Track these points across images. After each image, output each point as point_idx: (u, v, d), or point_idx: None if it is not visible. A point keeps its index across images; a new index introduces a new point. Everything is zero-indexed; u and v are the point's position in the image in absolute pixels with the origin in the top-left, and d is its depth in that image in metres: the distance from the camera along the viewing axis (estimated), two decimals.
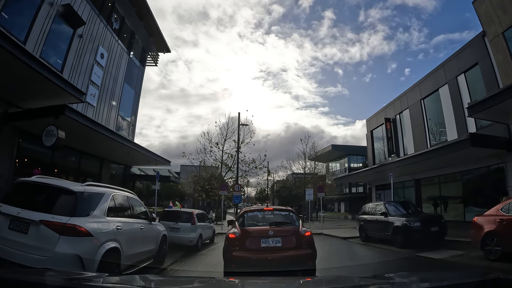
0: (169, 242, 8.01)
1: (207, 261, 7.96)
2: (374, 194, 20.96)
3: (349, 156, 38.55)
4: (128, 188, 17.88)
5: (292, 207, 9.10)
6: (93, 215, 4.04)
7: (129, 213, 5.23)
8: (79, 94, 8.11)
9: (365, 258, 8.55)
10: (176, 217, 9.46)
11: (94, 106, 12.77)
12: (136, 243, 5.03)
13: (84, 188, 4.17)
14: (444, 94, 15.20)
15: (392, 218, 9.86)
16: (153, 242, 6.04)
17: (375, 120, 21.56)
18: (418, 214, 10.49)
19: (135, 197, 5.87)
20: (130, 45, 16.54)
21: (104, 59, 13.72)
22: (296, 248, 5.11)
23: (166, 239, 6.97)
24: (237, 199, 19.91)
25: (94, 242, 3.77)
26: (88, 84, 12.54)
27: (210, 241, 11.64)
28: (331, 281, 2.65)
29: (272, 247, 5.07)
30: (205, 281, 2.66)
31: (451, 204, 14.53)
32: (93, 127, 8.87)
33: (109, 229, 4.18)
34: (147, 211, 6.15)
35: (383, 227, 10.09)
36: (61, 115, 7.56)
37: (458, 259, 7.20)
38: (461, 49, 14.64)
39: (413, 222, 9.05)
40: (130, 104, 16.34)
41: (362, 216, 12.13)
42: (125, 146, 11.20)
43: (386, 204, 10.87)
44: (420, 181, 16.42)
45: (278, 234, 5.16)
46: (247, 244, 5.11)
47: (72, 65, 11.73)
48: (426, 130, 16.26)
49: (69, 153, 11.64)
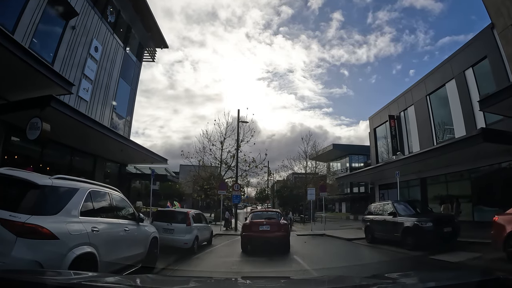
0: (162, 244, 7.37)
1: (204, 265, 7.39)
2: (378, 194, 20.41)
3: (351, 156, 38.02)
4: (124, 187, 17.41)
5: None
6: (62, 213, 3.40)
7: (110, 213, 4.60)
8: (66, 85, 7.57)
9: (375, 262, 7.94)
10: (170, 218, 8.82)
11: (87, 101, 12.23)
12: (119, 247, 4.44)
13: (52, 182, 3.50)
14: (451, 89, 14.67)
15: (402, 218, 9.26)
16: (140, 245, 5.44)
17: (378, 118, 21.02)
18: (429, 213, 9.91)
19: (120, 194, 5.25)
20: (126, 39, 16.01)
21: (98, 53, 13.18)
22: (277, 231, 9.28)
23: (157, 242, 6.36)
24: (236, 198, 19.37)
25: (61, 246, 3.13)
26: (81, 77, 12.00)
27: (208, 243, 10.99)
28: (331, 281, 2.63)
29: (265, 230, 9.28)
30: (206, 281, 2.68)
31: (460, 203, 13.95)
32: (82, 120, 8.29)
33: (82, 231, 3.54)
34: (134, 211, 5.52)
35: (392, 228, 9.51)
36: (47, 106, 7.01)
37: (476, 261, 6.64)
38: (468, 42, 14.13)
39: (424, 223, 8.46)
40: (126, 100, 15.80)
41: (368, 216, 11.56)
42: (118, 142, 10.63)
43: (394, 203, 10.27)
44: (426, 180, 15.88)
45: (268, 223, 9.50)
46: (252, 228, 9.40)
47: (64, 57, 11.20)
48: (432, 127, 15.72)
49: (60, 149, 11.09)
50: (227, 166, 23.26)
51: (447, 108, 14.90)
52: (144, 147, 13.00)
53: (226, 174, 23.70)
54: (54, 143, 10.50)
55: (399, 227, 9.15)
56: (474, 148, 10.48)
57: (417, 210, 9.92)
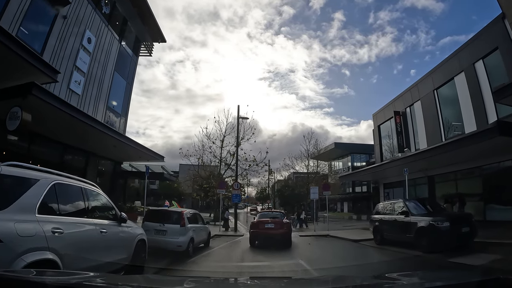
0: (154, 247, 6.77)
1: (199, 270, 6.72)
2: (382, 193, 19.77)
3: (353, 155, 37.43)
4: (119, 186, 16.82)
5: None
6: (11, 210, 2.72)
7: (82, 211, 3.85)
8: (51, 72, 6.99)
9: (389, 265, 7.29)
10: (162, 218, 8.07)
11: (79, 95, 11.63)
12: (92, 253, 3.70)
13: (0, 169, 2.80)
14: (460, 82, 14.06)
15: (415, 218, 8.56)
16: (122, 249, 4.72)
17: (382, 115, 20.39)
18: (443, 212, 9.26)
19: (98, 190, 4.53)
20: (122, 32, 15.43)
21: (91, 45, 12.60)
22: (280, 228, 10.52)
23: (145, 245, 5.64)
24: (236, 198, 18.66)
25: (5, 250, 2.48)
26: (73, 69, 11.42)
27: (205, 245, 10.29)
28: (331, 281, 2.61)
29: (269, 228, 10.52)
30: (206, 282, 2.68)
31: (470, 202, 13.32)
32: (69, 111, 7.66)
33: (38, 233, 2.85)
34: (115, 209, 4.77)
35: (404, 228, 8.82)
36: (28, 95, 6.41)
37: (500, 264, 6.01)
38: (478, 34, 13.51)
39: (441, 222, 7.76)
40: (121, 95, 15.19)
41: (377, 216, 10.89)
42: (111, 137, 10.02)
43: (406, 202, 9.57)
44: (434, 178, 15.24)
45: (272, 222, 10.77)
46: (259, 226, 10.73)
47: (54, 47, 10.63)
48: (440, 122, 15.09)
49: (49, 146, 10.49)
50: (226, 165, 22.65)
51: (456, 102, 14.28)
52: (139, 143, 12.38)
53: (226, 173, 23.06)
54: (43, 139, 9.92)
55: (412, 227, 8.46)
56: (488, 143, 9.86)
57: (430, 209, 9.25)
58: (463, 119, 13.87)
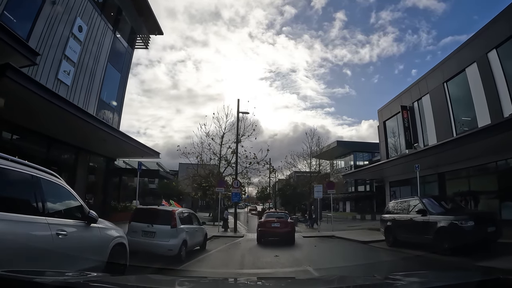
0: (141, 251, 6.06)
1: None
2: (388, 191, 19.01)
3: (355, 153, 36.70)
4: (112, 183, 16.00)
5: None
6: None
7: (31, 207, 3.01)
8: (29, 53, 6.26)
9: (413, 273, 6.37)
10: (151, 218, 7.13)
11: (68, 85, 10.90)
12: (42, 262, 2.92)
13: None
14: (472, 74, 13.30)
15: (434, 217, 7.73)
16: (91, 256, 3.81)
17: (388, 110, 19.63)
18: (464, 210, 8.47)
19: (59, 180, 3.65)
20: (117, 23, 14.68)
21: (82, 33, 11.86)
22: (285, 227, 11.72)
23: (124, 251, 4.76)
24: (236, 197, 17.85)
25: None
26: (62, 58, 10.69)
27: (201, 247, 9.38)
28: (331, 281, 2.62)
29: (275, 227, 11.75)
30: (208, 282, 2.69)
31: (484, 200, 12.58)
32: (47, 96, 6.83)
33: None
34: (82, 206, 3.88)
35: (421, 229, 8.00)
36: (2, 77, 5.67)
37: None
38: (490, 22, 12.75)
39: (464, 221, 6.96)
40: (115, 88, 14.44)
41: (388, 215, 10.11)
42: (100, 130, 9.23)
43: (423, 199, 8.72)
44: (445, 175, 14.49)
45: (278, 221, 12.01)
46: (266, 225, 11.94)
47: (41, 34, 9.91)
48: (450, 116, 14.33)
49: (34, 139, 9.73)
50: (226, 163, 21.90)
51: (468, 95, 13.52)
52: (132, 137, 11.53)
53: (225, 171, 22.32)
54: (24, 131, 9.16)
55: (430, 227, 7.64)
56: (506, 136, 9.14)
57: (447, 207, 8.47)
58: (476, 112, 13.12)
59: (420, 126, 16.45)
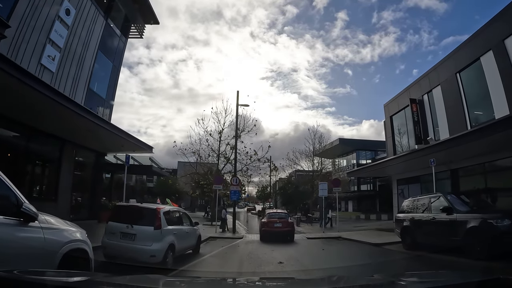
0: (120, 256, 5.18)
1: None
2: (396, 190, 18.10)
3: (358, 151, 35.85)
4: (101, 180, 14.97)
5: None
6: None
7: None
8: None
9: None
10: (131, 217, 5.95)
11: (52, 72, 10.02)
12: None
13: None
14: (488, 62, 12.41)
15: (463, 216, 6.79)
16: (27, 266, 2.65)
17: (395, 104, 18.72)
18: (493, 208, 7.50)
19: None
20: (109, 9, 13.82)
21: (70, 17, 10.99)
22: (286, 227, 13.01)
23: (88, 262, 3.60)
24: (234, 195, 16.86)
25: None
26: (46, 42, 9.82)
27: (193, 251, 8.23)
28: (331, 281, 2.58)
29: (278, 226, 12.93)
30: (208, 282, 2.72)
31: (502, 198, 11.68)
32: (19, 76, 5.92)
33: None
34: (15, 197, 2.81)
35: (447, 229, 7.07)
36: None
37: None
38: (506, 7, 11.87)
39: (500, 220, 6.03)
40: (106, 78, 13.56)
41: (404, 215, 9.15)
42: (83, 118, 8.30)
43: (448, 196, 7.72)
44: (458, 172, 13.60)
45: (280, 221, 13.20)
46: (269, 225, 13.03)
47: (23, 15, 9.04)
48: (464, 108, 13.43)
49: (9, 128, 8.79)
50: (226, 159, 20.99)
51: (483, 85, 12.63)
52: (122, 129, 10.50)
53: (225, 168, 21.39)
54: (2, 119, 8.26)
55: (459, 227, 6.70)
56: None
57: (471, 204, 7.48)
58: (493, 102, 12.23)
59: (431, 119, 15.55)
